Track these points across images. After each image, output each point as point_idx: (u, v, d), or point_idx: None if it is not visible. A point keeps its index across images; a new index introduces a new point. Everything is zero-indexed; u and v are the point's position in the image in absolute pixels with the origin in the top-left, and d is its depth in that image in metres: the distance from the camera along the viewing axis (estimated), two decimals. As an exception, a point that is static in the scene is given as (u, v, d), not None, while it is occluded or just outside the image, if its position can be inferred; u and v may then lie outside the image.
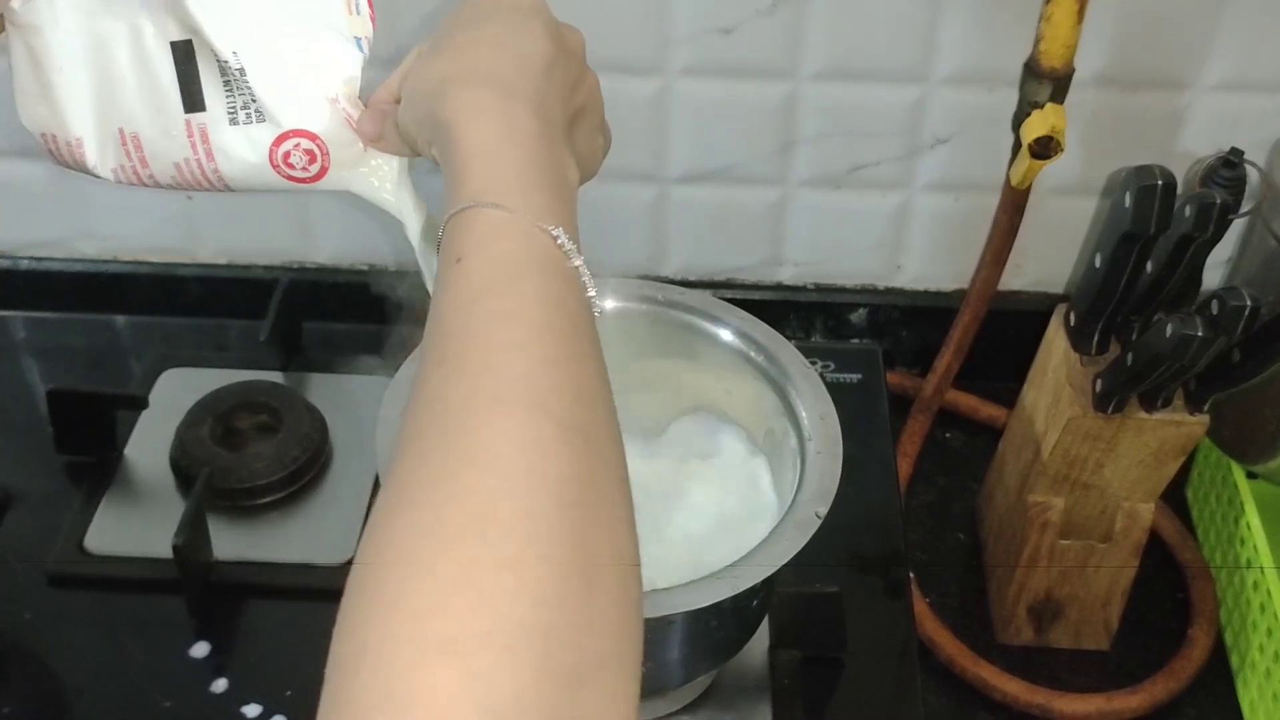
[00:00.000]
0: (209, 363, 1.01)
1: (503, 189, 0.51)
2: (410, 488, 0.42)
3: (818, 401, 0.77)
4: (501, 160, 0.53)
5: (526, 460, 0.42)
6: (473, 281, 0.49)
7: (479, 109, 0.55)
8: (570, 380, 0.46)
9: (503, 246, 0.50)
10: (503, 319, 0.47)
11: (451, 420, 0.44)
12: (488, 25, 0.59)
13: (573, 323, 0.49)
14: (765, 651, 0.81)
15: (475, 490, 0.41)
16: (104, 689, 0.82)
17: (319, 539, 0.89)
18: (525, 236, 0.50)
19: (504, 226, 0.50)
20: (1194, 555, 0.95)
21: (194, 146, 0.64)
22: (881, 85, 0.94)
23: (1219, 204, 0.72)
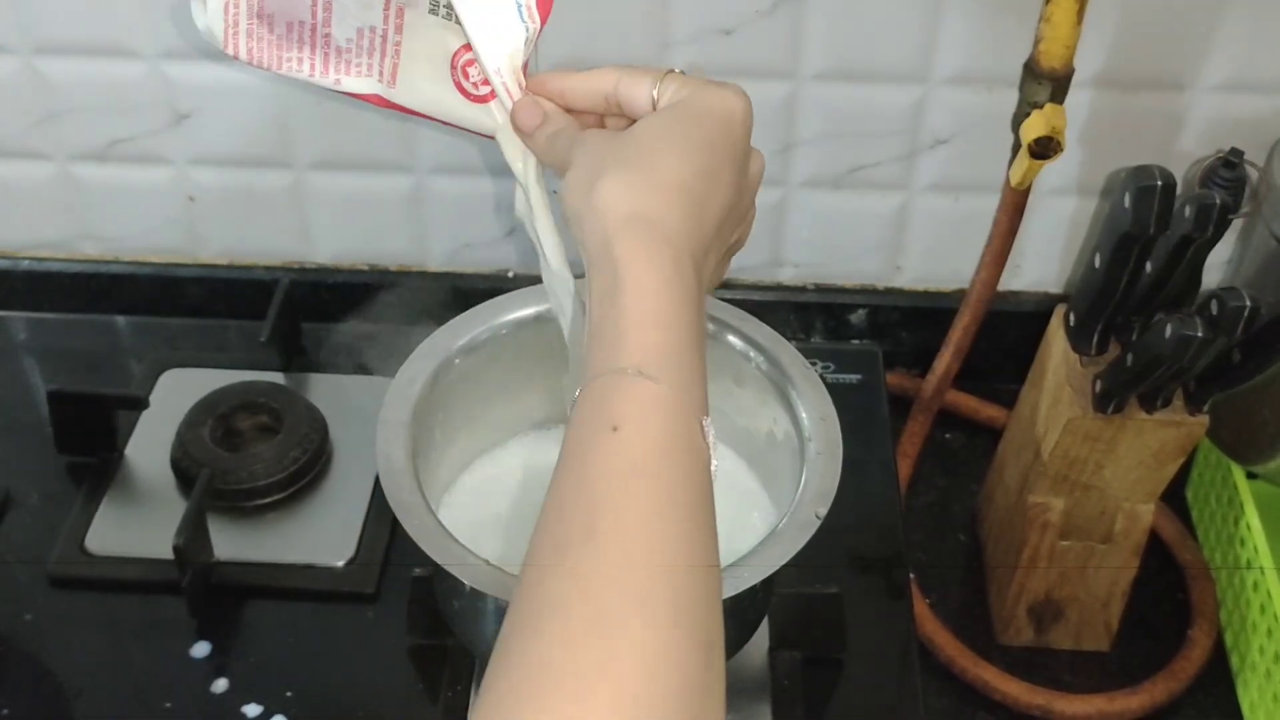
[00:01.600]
0: (209, 363, 1.01)
1: (666, 362, 0.52)
2: (555, 669, 0.45)
3: (818, 402, 0.77)
4: (668, 329, 0.53)
5: (668, 668, 0.46)
6: (629, 456, 0.50)
7: (657, 267, 0.55)
8: (706, 589, 0.49)
9: (660, 427, 0.51)
10: (655, 508, 0.49)
11: (600, 612, 0.46)
12: (690, 159, 0.58)
13: (709, 517, 0.51)
14: (765, 652, 0.81)
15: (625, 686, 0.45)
16: (104, 689, 0.82)
17: (319, 540, 0.89)
18: (682, 421, 0.51)
19: (664, 405, 0.51)
20: (1194, 556, 0.95)
21: (386, 18, 0.63)
22: (881, 86, 0.94)
23: (1219, 204, 0.72)
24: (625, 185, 0.57)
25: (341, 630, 0.85)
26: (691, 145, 0.58)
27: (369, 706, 0.81)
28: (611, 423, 0.50)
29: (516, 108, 0.64)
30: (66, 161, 1.02)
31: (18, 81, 0.97)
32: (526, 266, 1.06)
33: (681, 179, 0.57)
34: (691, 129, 0.59)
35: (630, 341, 0.53)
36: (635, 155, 0.58)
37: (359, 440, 0.95)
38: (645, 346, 0.52)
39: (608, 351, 0.53)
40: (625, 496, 0.49)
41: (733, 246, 0.63)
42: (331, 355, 1.03)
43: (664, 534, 0.49)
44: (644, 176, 0.57)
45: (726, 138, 0.59)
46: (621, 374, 0.52)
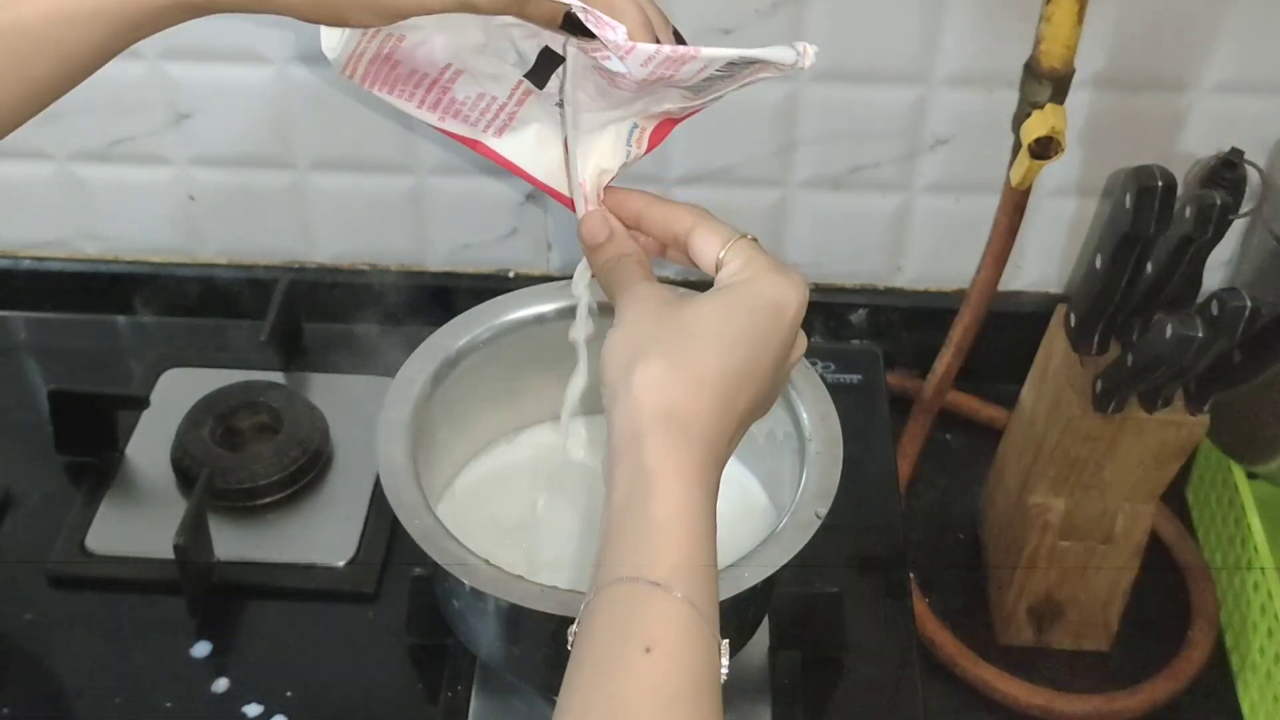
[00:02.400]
0: (210, 363, 1.01)
1: (695, 579, 0.52)
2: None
3: (818, 402, 0.77)
4: (697, 542, 0.53)
5: None
6: (668, 683, 0.50)
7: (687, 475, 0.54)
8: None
9: (697, 654, 0.51)
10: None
11: None
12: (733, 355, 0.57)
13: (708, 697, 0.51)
14: (765, 652, 0.81)
15: None
16: (105, 689, 0.82)
17: (320, 539, 0.89)
18: (709, 645, 0.51)
19: (699, 630, 0.51)
20: (1194, 556, 0.95)
21: (512, 95, 0.63)
22: (882, 86, 0.94)
23: (1219, 204, 0.72)
24: (663, 376, 0.55)
25: (342, 630, 0.85)
26: (738, 341, 0.57)
27: (369, 706, 0.81)
28: (645, 643, 0.50)
29: (585, 219, 0.64)
30: (67, 161, 1.02)
31: (18, 81, 0.97)
32: (526, 266, 1.06)
33: (721, 376, 0.56)
34: (741, 322, 0.58)
35: (660, 552, 0.52)
36: (680, 344, 0.57)
37: (359, 440, 0.95)
38: (675, 561, 0.52)
39: (635, 556, 0.52)
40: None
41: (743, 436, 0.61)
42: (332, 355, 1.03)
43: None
44: (684, 370, 0.56)
45: (775, 332, 0.58)
46: (653, 588, 0.51)
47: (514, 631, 0.74)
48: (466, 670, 0.80)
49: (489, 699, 0.79)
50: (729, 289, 0.60)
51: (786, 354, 0.59)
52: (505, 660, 0.76)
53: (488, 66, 0.63)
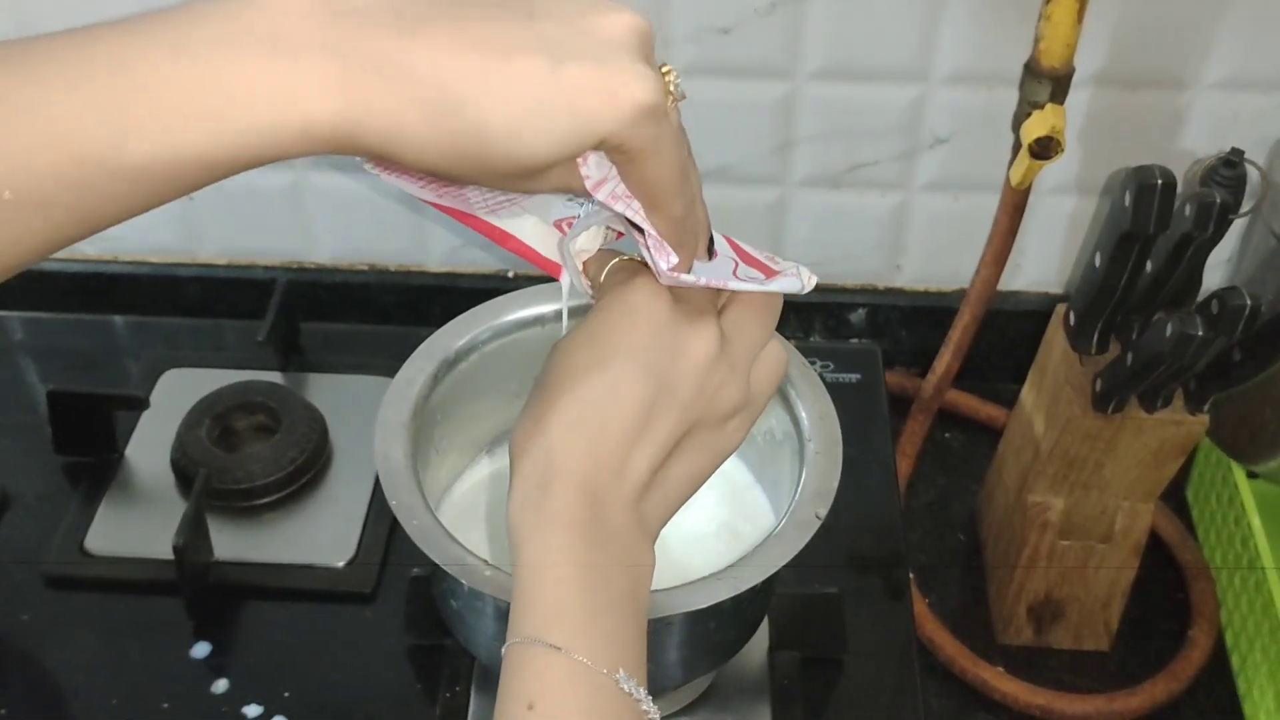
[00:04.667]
0: (208, 363, 1.01)
1: (564, 625, 0.51)
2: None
3: (817, 401, 0.77)
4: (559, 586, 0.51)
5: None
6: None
7: (548, 519, 0.52)
8: None
9: (572, 701, 0.50)
10: None
11: None
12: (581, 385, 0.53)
13: None
14: (765, 652, 0.81)
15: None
16: (104, 690, 0.82)
17: (319, 539, 0.89)
18: (592, 689, 0.50)
19: (574, 678, 0.50)
20: (1194, 556, 0.95)
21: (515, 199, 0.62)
22: (881, 85, 0.94)
23: (1219, 203, 0.72)
24: (523, 430, 0.54)
25: (341, 630, 0.85)
26: (584, 369, 0.54)
27: (368, 707, 0.81)
28: (526, 700, 0.50)
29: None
30: (65, 161, 1.02)
31: (16, 81, 0.97)
32: (526, 267, 1.06)
33: (572, 414, 0.53)
34: (587, 349, 0.54)
35: (529, 607, 0.51)
36: (537, 395, 0.55)
37: (358, 440, 0.95)
38: (543, 610, 0.51)
39: (515, 616, 0.52)
40: None
41: (701, 431, 0.56)
42: (330, 355, 1.03)
43: None
44: (538, 421, 0.53)
45: (627, 345, 0.54)
46: (530, 645, 0.50)
47: (513, 632, 0.74)
48: (465, 671, 0.80)
49: (488, 699, 0.79)
50: (581, 323, 0.56)
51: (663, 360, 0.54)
52: (504, 660, 0.76)
53: None
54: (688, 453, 0.55)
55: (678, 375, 0.54)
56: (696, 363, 0.54)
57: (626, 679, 0.51)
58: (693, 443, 0.55)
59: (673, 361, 0.54)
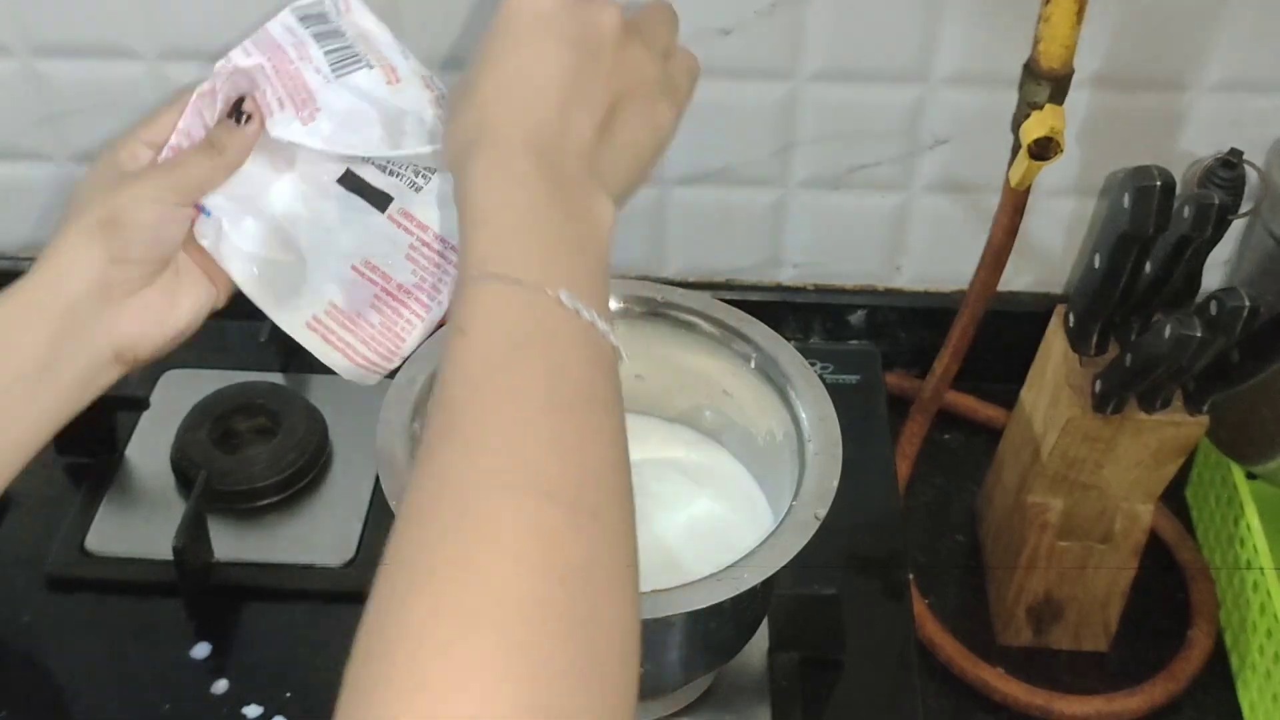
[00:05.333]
0: (209, 364, 1.01)
1: (505, 257, 0.51)
2: (425, 569, 0.44)
3: (817, 402, 0.77)
4: (503, 225, 0.52)
5: (538, 547, 0.44)
6: (478, 356, 0.49)
7: (481, 170, 0.54)
8: (579, 462, 0.47)
9: (506, 321, 0.50)
10: (509, 398, 0.48)
11: (464, 504, 0.45)
12: (501, 61, 0.57)
13: (582, 394, 0.49)
14: (764, 653, 0.81)
15: (490, 575, 0.43)
16: (104, 690, 0.82)
17: (319, 540, 0.90)
18: (528, 307, 0.50)
19: (507, 299, 0.50)
20: (1193, 556, 0.95)
21: (409, 230, 0.68)
22: (881, 86, 0.94)
23: (1218, 204, 0.72)
24: (450, 125, 0.58)
25: (341, 631, 0.84)
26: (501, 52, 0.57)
27: (368, 707, 0.81)
28: (459, 327, 0.50)
29: None
30: (66, 161, 1.02)
31: (18, 82, 0.97)
32: (526, 267, 1.06)
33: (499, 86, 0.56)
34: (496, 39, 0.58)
35: (471, 249, 0.52)
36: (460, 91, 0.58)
37: (359, 441, 0.95)
38: (484, 248, 0.52)
39: (460, 264, 0.53)
40: (477, 393, 0.48)
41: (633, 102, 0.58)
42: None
43: (525, 418, 0.47)
44: (463, 104, 0.57)
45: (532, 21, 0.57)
46: (468, 281, 0.51)
47: (513, 632, 0.74)
48: (466, 671, 0.80)
49: (488, 700, 0.79)
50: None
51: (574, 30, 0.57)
52: (504, 661, 0.76)
53: None
54: (624, 119, 0.58)
55: (595, 42, 0.57)
56: (609, 31, 0.58)
57: (572, 299, 0.50)
58: (626, 112, 0.58)
59: (585, 31, 0.57)
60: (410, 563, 0.45)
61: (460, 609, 0.42)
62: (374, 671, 0.43)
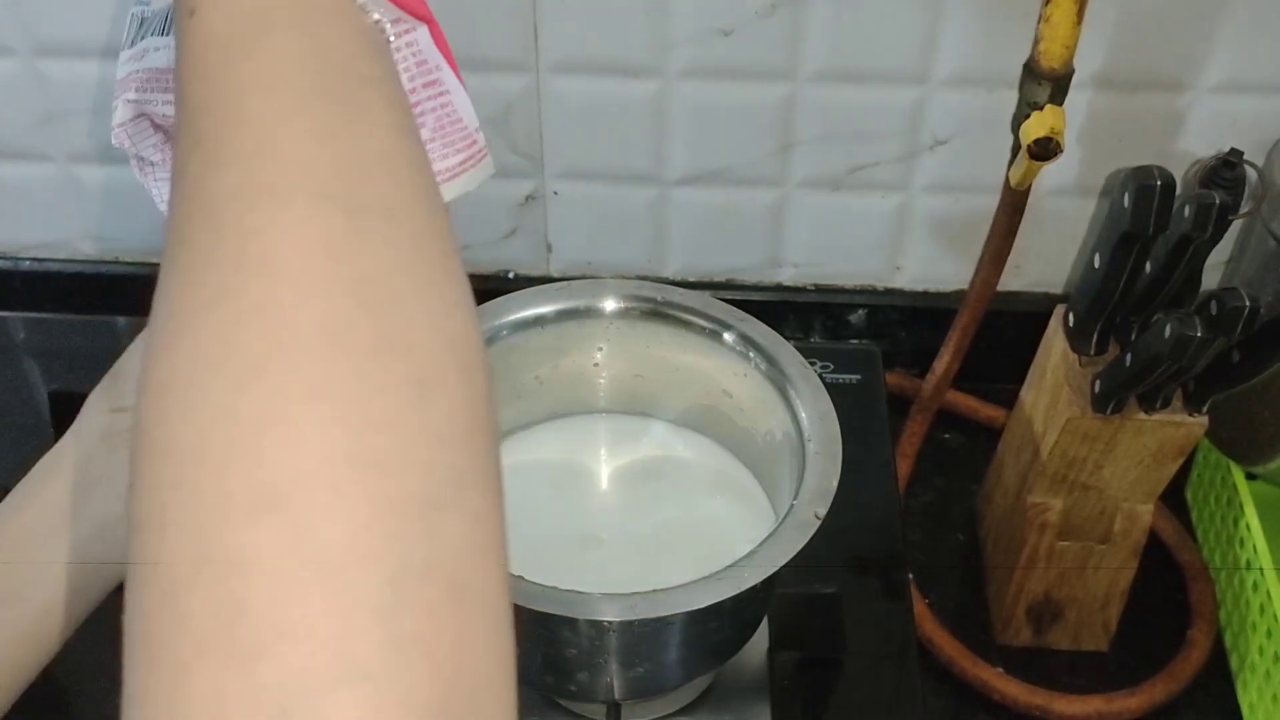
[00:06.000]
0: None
1: None
2: (186, 312, 0.35)
3: (817, 402, 0.77)
4: None
5: (317, 261, 0.34)
6: (214, 41, 0.39)
7: None
8: (353, 152, 0.37)
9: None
10: (257, 87, 0.38)
11: (222, 220, 0.36)
12: None
13: (347, 75, 0.40)
14: (764, 652, 0.81)
15: (264, 305, 0.34)
16: (105, 690, 0.82)
17: (319, 539, 0.89)
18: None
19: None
20: (1193, 556, 0.95)
21: None
22: (881, 86, 0.94)
23: (1218, 204, 0.72)
24: None
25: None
26: None
27: (369, 706, 0.81)
28: (189, 8, 0.40)
29: None
30: (66, 161, 1.02)
31: (18, 82, 0.97)
32: (526, 267, 1.06)
33: None
34: None
35: None
36: None
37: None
38: None
39: None
40: (220, 88, 0.38)
41: None
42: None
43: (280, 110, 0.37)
44: None
45: None
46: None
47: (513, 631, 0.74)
48: (466, 670, 0.80)
49: (488, 699, 0.79)
50: None
51: None
52: (504, 660, 0.76)
53: None
54: None
55: None
56: None
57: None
58: None
59: None
60: (171, 309, 0.36)
61: (234, 355, 0.33)
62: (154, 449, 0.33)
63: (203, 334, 0.34)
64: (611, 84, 0.94)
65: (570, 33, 0.91)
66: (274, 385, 0.32)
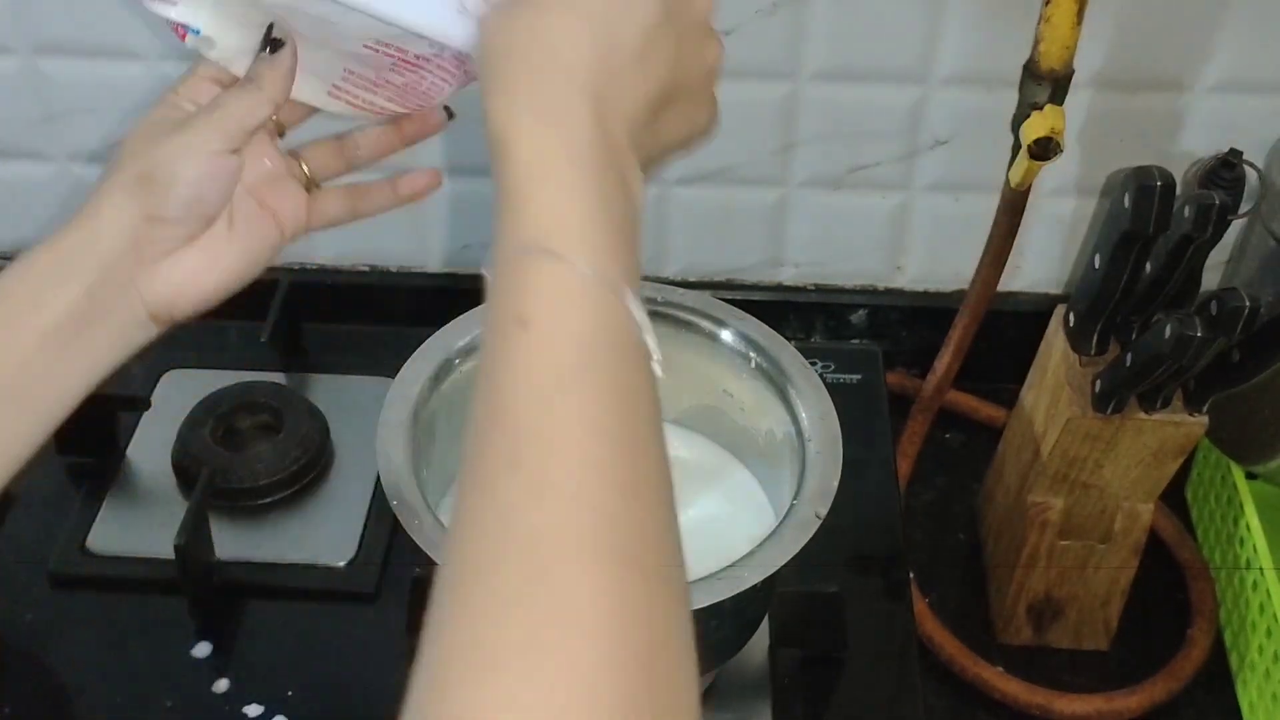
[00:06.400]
0: (210, 364, 1.01)
1: (565, 232, 0.44)
2: (497, 646, 0.38)
3: (818, 402, 0.77)
4: (560, 190, 0.45)
5: (618, 625, 0.39)
6: (545, 361, 0.43)
7: (539, 115, 0.46)
8: (650, 514, 0.42)
9: (575, 319, 0.43)
10: (580, 427, 0.42)
11: (536, 565, 0.39)
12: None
13: (645, 421, 0.44)
14: (765, 651, 0.81)
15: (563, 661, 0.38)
16: (106, 689, 0.82)
17: (321, 539, 0.90)
18: (596, 305, 0.44)
19: (574, 291, 0.44)
20: (1193, 555, 0.95)
21: None
22: (881, 86, 0.94)
23: (1218, 205, 0.72)
24: (504, 15, 0.48)
25: (342, 630, 0.85)
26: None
27: (369, 706, 0.81)
28: (519, 315, 0.43)
29: None
30: (66, 161, 1.02)
31: (19, 81, 0.97)
32: (527, 266, 1.06)
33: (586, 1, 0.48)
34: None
35: (523, 212, 0.45)
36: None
37: (360, 440, 0.95)
38: (539, 216, 0.45)
39: (504, 224, 0.45)
40: (547, 413, 0.42)
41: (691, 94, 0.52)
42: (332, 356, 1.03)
43: (600, 457, 0.41)
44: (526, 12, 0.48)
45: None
46: (524, 253, 0.44)
47: (514, 631, 0.74)
48: (467, 670, 0.80)
49: (489, 699, 0.79)
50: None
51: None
52: (506, 660, 0.77)
53: None
54: (672, 109, 0.51)
55: (685, 18, 0.51)
56: (701, 11, 0.52)
57: (635, 301, 0.44)
58: (679, 103, 0.52)
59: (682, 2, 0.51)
60: (474, 634, 0.39)
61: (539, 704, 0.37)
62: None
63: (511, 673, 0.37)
64: (612, 84, 0.94)
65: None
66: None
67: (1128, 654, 0.91)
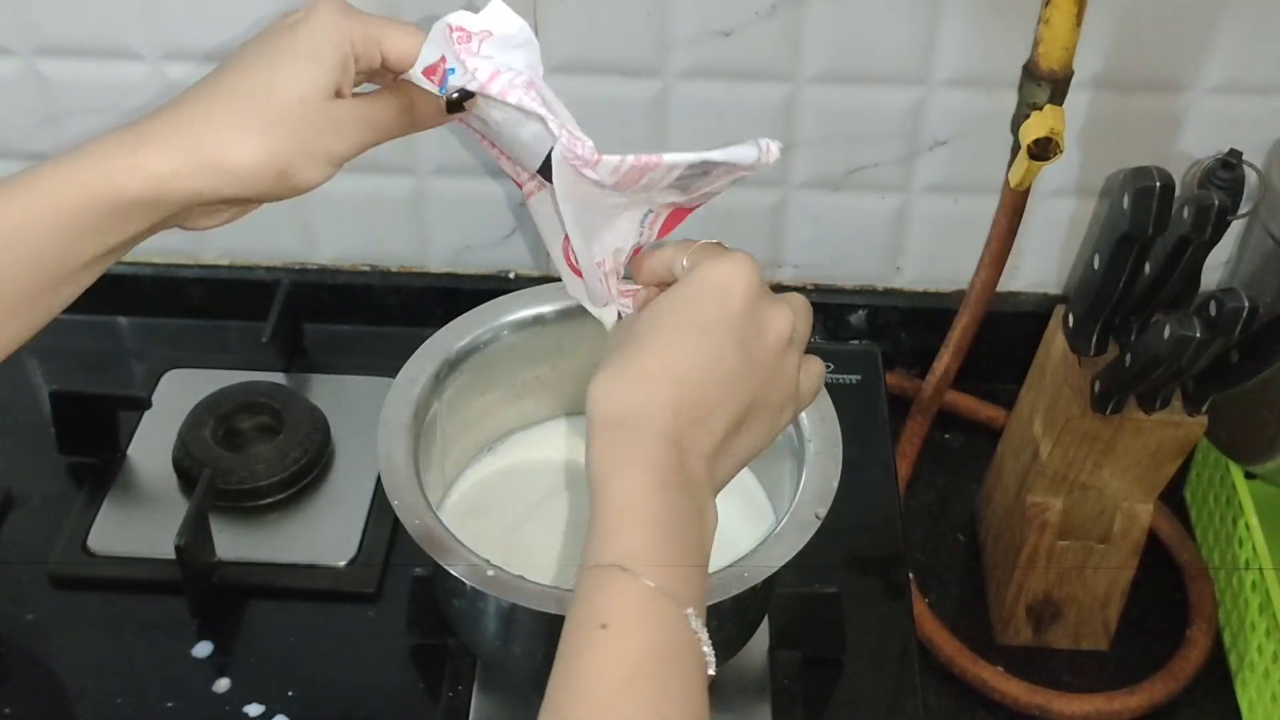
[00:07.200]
0: (211, 364, 1.01)
1: (648, 558, 0.53)
2: None
3: (817, 402, 0.77)
4: (644, 527, 0.54)
5: None
6: (621, 658, 0.51)
7: (631, 464, 0.55)
8: None
9: (648, 629, 0.52)
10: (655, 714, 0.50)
11: None
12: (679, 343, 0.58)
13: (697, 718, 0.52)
14: (765, 652, 0.81)
15: None
16: (106, 689, 0.82)
17: (321, 539, 0.90)
18: (671, 620, 0.52)
19: (651, 606, 0.52)
20: (1192, 556, 0.95)
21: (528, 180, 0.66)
22: (881, 87, 0.94)
23: (1217, 205, 0.72)
24: (608, 384, 0.57)
25: (343, 630, 0.85)
26: (682, 327, 0.58)
27: (370, 706, 0.81)
28: (600, 620, 0.52)
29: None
30: (68, 162, 1.02)
31: (19, 82, 0.97)
32: (526, 268, 1.07)
33: (669, 366, 0.57)
34: (682, 310, 0.59)
35: (614, 540, 0.54)
36: (627, 348, 0.59)
37: (360, 440, 0.95)
38: (629, 545, 0.53)
39: (594, 544, 0.54)
40: (624, 702, 0.50)
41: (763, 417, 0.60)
42: (333, 356, 1.03)
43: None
44: (626, 370, 0.58)
45: (722, 311, 0.58)
46: (610, 570, 0.53)
47: (515, 631, 0.74)
48: (467, 670, 0.80)
49: (490, 699, 0.79)
50: (674, 286, 0.61)
51: (751, 333, 0.58)
52: (506, 660, 0.77)
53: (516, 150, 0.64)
54: (752, 425, 0.59)
55: (760, 351, 0.59)
56: (776, 341, 0.59)
57: (697, 620, 0.53)
58: (757, 419, 0.59)
59: (758, 338, 0.59)
60: None
61: None
62: None
63: None
64: (612, 84, 0.94)
65: (571, 33, 0.91)
66: None
67: (1127, 654, 0.91)
